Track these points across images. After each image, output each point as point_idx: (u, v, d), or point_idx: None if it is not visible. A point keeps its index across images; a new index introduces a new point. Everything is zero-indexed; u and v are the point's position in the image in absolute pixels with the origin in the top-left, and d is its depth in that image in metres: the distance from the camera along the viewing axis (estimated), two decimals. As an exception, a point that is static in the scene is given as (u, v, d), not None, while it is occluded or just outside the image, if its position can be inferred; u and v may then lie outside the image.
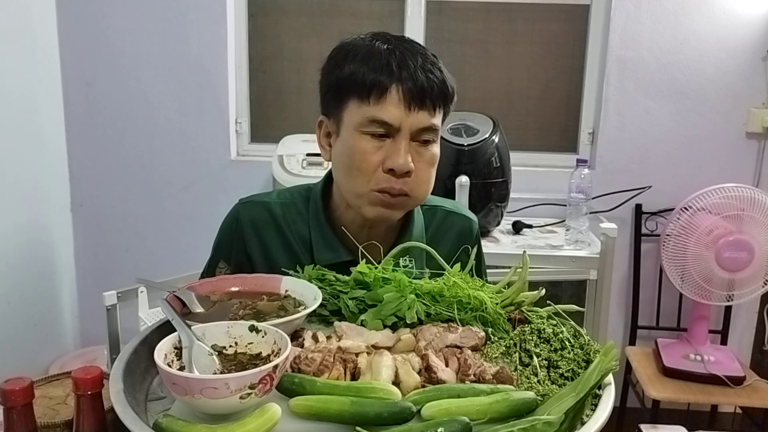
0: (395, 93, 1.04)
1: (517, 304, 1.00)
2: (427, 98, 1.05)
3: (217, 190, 2.69)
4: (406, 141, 1.06)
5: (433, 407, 0.74)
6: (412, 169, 1.06)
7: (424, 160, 1.08)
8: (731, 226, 2.21)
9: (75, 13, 2.60)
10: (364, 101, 1.05)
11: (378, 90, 1.04)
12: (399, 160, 1.05)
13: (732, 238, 2.19)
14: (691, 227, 2.23)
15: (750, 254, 2.18)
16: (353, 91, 1.06)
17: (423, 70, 1.05)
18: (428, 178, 1.11)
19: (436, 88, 1.06)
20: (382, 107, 1.04)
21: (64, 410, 0.98)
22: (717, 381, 2.26)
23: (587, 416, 0.77)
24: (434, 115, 1.07)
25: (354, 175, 1.09)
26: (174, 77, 2.64)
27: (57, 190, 2.69)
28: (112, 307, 1.87)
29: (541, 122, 2.78)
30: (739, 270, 2.20)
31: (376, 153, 1.06)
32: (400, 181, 1.06)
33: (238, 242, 1.19)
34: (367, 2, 2.72)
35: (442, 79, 1.07)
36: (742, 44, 2.52)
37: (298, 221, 1.19)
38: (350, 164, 1.09)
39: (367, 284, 1.01)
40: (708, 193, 2.23)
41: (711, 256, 2.21)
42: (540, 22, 2.70)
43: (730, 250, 2.19)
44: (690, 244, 2.23)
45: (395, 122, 1.05)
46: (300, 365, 0.82)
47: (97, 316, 1.97)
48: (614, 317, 2.66)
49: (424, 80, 1.05)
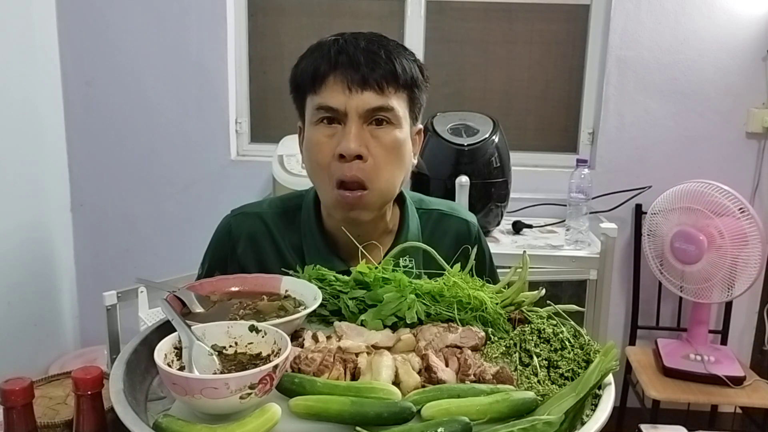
0: (332, 77, 1.05)
1: (517, 304, 1.00)
2: (370, 78, 1.04)
3: (217, 190, 2.69)
4: (356, 125, 1.05)
5: (433, 407, 0.74)
6: (363, 153, 1.04)
7: (381, 145, 1.06)
8: (681, 219, 2.28)
9: (75, 13, 2.60)
10: (311, 93, 1.07)
11: (319, 77, 1.05)
12: (346, 143, 1.04)
13: (680, 229, 2.26)
14: (660, 222, 2.34)
15: (699, 249, 2.21)
16: (304, 85, 1.09)
17: (365, 53, 1.05)
18: (389, 166, 1.07)
19: (380, 69, 1.04)
20: (324, 93, 1.05)
21: (64, 410, 0.98)
22: (717, 381, 2.25)
23: (587, 416, 0.77)
24: (384, 95, 1.05)
25: (315, 170, 1.09)
26: (174, 77, 2.64)
27: (57, 190, 2.69)
28: (112, 307, 1.87)
29: (541, 122, 2.78)
30: (692, 263, 2.24)
31: (329, 142, 1.06)
32: (353, 167, 1.04)
33: (232, 255, 1.18)
34: (367, 2, 2.72)
35: (388, 59, 1.05)
36: (742, 44, 2.52)
37: (291, 230, 1.18)
38: (310, 158, 1.10)
39: (367, 284, 1.00)
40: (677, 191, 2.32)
41: (667, 246, 2.30)
42: (540, 22, 2.70)
43: (680, 241, 2.25)
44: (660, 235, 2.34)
45: (339, 106, 1.04)
46: (300, 365, 0.82)
47: (97, 316, 1.97)
48: (614, 317, 2.66)
49: (364, 62, 1.04)
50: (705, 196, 2.23)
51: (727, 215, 2.19)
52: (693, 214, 2.25)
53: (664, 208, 2.33)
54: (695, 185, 2.26)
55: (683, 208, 2.27)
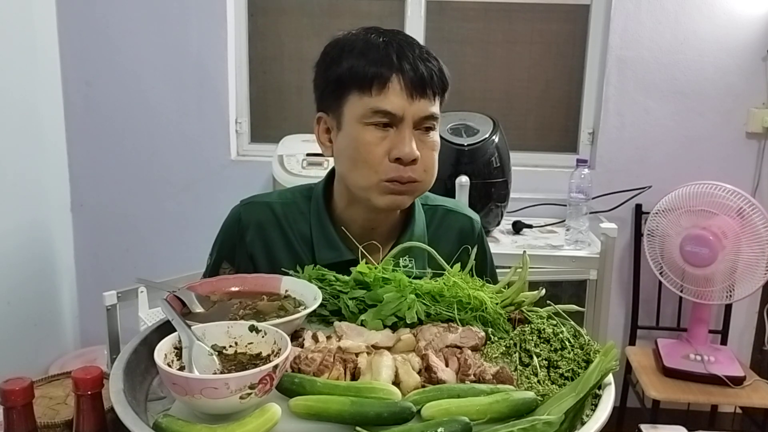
0: (397, 83, 1.06)
1: (517, 304, 1.00)
2: (428, 87, 1.08)
3: (217, 190, 2.69)
4: (409, 130, 1.08)
5: (433, 407, 0.74)
6: (418, 157, 1.08)
7: (427, 147, 1.11)
8: (693, 221, 2.26)
9: (75, 13, 2.60)
10: (365, 93, 1.07)
11: (379, 81, 1.06)
12: (405, 149, 1.07)
13: (690, 232, 2.23)
14: (666, 224, 2.31)
15: (711, 250, 2.20)
16: (354, 84, 1.08)
17: (421, 60, 1.08)
18: (433, 164, 1.13)
19: (435, 77, 1.09)
20: (384, 98, 1.06)
21: (64, 410, 0.98)
22: (717, 381, 2.25)
23: (587, 416, 0.77)
24: (434, 103, 1.10)
25: (360, 167, 1.10)
26: (174, 77, 2.64)
27: (57, 190, 2.69)
28: (112, 307, 1.87)
29: (541, 122, 2.78)
30: (704, 266, 2.23)
31: (381, 143, 1.08)
32: (408, 169, 1.08)
33: (240, 243, 1.19)
34: (367, 2, 2.72)
35: (439, 68, 1.11)
36: (742, 44, 2.52)
37: (300, 221, 1.19)
38: (356, 157, 1.10)
39: (367, 284, 1.01)
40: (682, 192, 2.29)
41: (676, 250, 2.27)
42: (540, 22, 2.70)
43: (691, 245, 2.23)
44: (666, 238, 2.31)
45: (399, 112, 1.07)
46: (300, 365, 0.82)
47: (97, 316, 1.97)
48: (614, 317, 2.66)
49: (424, 69, 1.07)
50: (714, 197, 2.21)
51: (738, 216, 2.19)
52: (704, 216, 2.22)
53: (669, 208, 2.31)
54: (703, 187, 2.24)
55: (693, 211, 2.24)
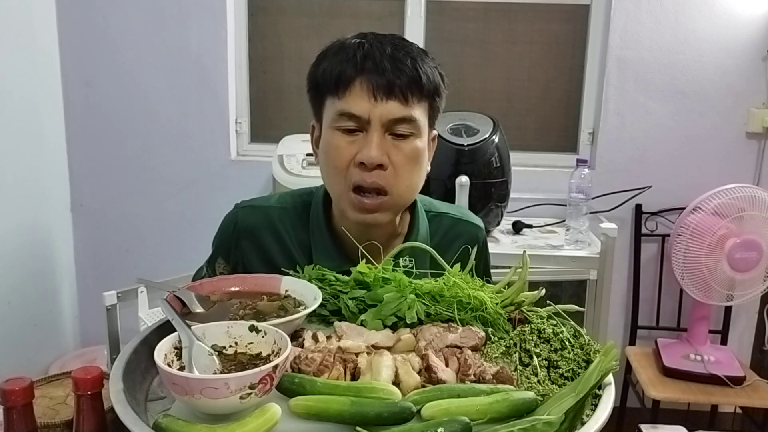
0: (358, 84, 1.03)
1: (517, 304, 1.00)
2: (396, 87, 1.02)
3: (217, 190, 2.69)
4: (378, 133, 1.04)
5: (433, 407, 0.74)
6: (384, 162, 1.04)
7: (402, 154, 1.05)
8: (735, 227, 2.20)
9: (75, 13, 2.60)
10: (334, 96, 1.05)
11: (343, 82, 1.03)
12: (367, 152, 1.03)
13: (740, 239, 2.19)
14: (700, 230, 2.21)
15: (759, 253, 2.18)
16: (325, 87, 1.07)
17: (392, 60, 1.03)
18: (408, 174, 1.07)
19: (405, 78, 1.03)
20: (348, 99, 1.04)
21: (64, 410, 0.97)
22: (717, 381, 2.25)
23: (587, 416, 0.77)
24: (408, 105, 1.04)
25: (331, 174, 1.08)
26: (174, 77, 2.64)
27: (57, 190, 2.69)
28: (112, 307, 1.87)
29: (541, 122, 2.78)
30: (749, 270, 2.21)
31: (349, 148, 1.05)
32: (373, 175, 1.04)
33: (235, 247, 1.18)
34: (367, 2, 2.72)
35: (413, 68, 1.04)
36: (742, 44, 2.52)
37: (298, 227, 1.17)
38: (327, 162, 1.08)
39: (367, 284, 1.00)
40: (714, 195, 2.21)
41: (723, 258, 2.20)
42: (540, 22, 2.70)
43: (741, 251, 2.19)
44: (703, 247, 2.21)
45: (363, 114, 1.03)
46: (300, 365, 0.82)
47: (97, 316, 1.97)
48: (614, 317, 2.66)
49: (390, 70, 1.02)
50: (755, 200, 2.18)
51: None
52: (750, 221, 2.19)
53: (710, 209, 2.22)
54: (747, 190, 2.19)
55: (738, 217, 2.20)
